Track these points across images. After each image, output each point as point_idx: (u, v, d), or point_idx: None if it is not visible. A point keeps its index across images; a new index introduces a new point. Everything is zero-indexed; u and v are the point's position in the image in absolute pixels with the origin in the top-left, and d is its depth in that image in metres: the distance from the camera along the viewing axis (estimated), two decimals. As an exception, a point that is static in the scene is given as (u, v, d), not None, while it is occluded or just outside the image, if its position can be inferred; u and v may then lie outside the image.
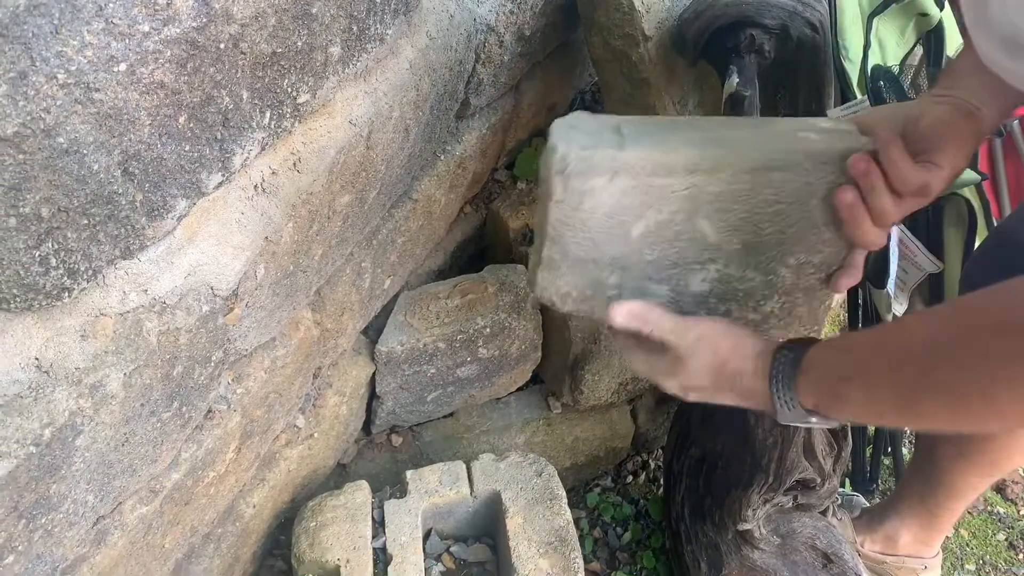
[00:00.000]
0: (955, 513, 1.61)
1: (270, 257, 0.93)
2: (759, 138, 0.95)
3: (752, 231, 0.97)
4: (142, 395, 0.80)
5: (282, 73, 0.82)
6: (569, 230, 0.94)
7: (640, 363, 1.00)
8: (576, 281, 0.99)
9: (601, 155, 0.89)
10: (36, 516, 0.73)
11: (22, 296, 0.65)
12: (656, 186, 0.92)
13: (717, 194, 0.93)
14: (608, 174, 0.90)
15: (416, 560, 1.22)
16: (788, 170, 0.92)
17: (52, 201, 0.62)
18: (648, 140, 0.92)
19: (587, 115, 0.97)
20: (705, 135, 0.96)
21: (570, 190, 0.91)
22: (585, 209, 0.93)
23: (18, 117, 0.56)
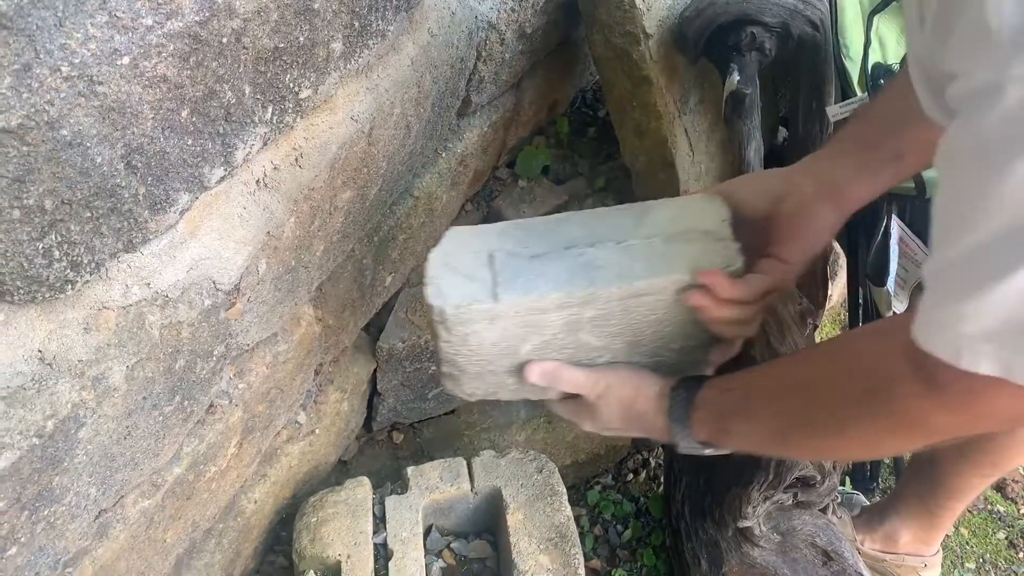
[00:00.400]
0: (955, 512, 1.61)
1: (272, 252, 0.93)
2: (627, 261, 1.02)
3: (632, 335, 1.07)
4: (144, 388, 0.81)
5: (284, 68, 0.83)
6: (461, 357, 1.04)
7: (559, 409, 1.11)
8: (479, 385, 1.11)
9: (476, 308, 0.98)
10: (39, 508, 0.74)
11: (25, 288, 0.65)
12: (535, 319, 1.02)
13: (594, 316, 1.02)
14: (486, 320, 0.99)
15: (417, 556, 1.22)
16: (655, 294, 1.00)
17: (55, 193, 0.63)
18: (520, 280, 1.00)
19: (463, 236, 1.07)
20: (576, 260, 1.03)
21: (453, 333, 1.00)
22: (471, 344, 1.02)
23: (22, 109, 0.56)
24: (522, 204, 1.73)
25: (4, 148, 0.57)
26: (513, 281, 1.01)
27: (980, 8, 0.50)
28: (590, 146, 1.87)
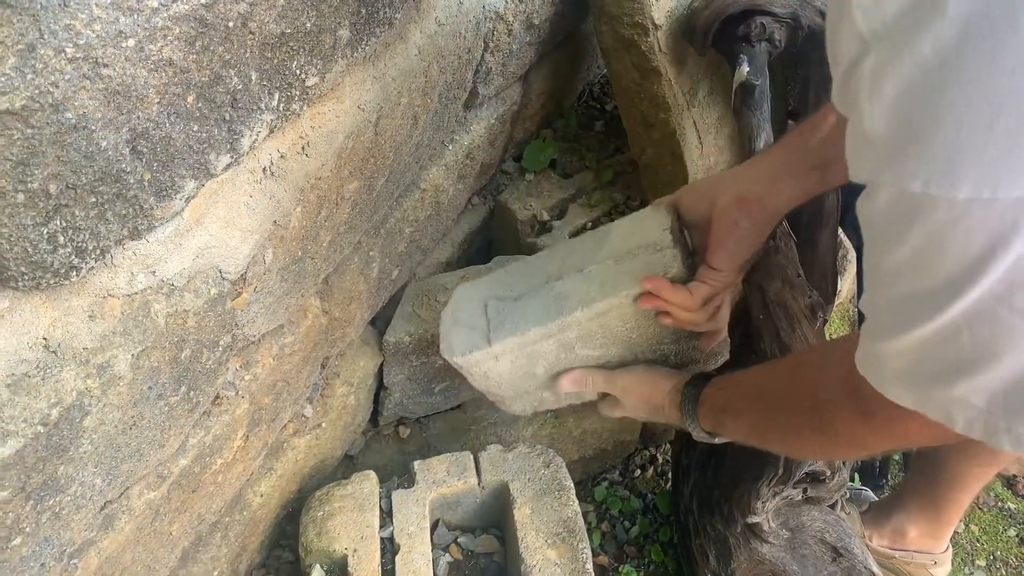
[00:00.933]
0: (961, 505, 1.60)
1: (278, 242, 0.92)
2: (586, 286, 1.16)
3: (623, 341, 1.21)
4: (150, 378, 0.80)
5: (291, 55, 0.82)
6: (492, 388, 1.27)
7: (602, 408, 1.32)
8: (523, 403, 1.34)
9: (478, 354, 1.18)
10: (44, 497, 0.73)
11: (30, 274, 0.64)
12: (530, 350, 1.19)
13: (578, 336, 1.18)
14: (492, 359, 1.19)
15: (424, 550, 1.22)
16: (616, 308, 1.14)
17: (60, 177, 0.62)
18: (507, 323, 1.18)
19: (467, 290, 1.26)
20: (548, 295, 1.18)
21: (471, 374, 1.22)
22: (492, 378, 1.24)
23: (26, 90, 0.55)
24: (529, 198, 1.73)
25: (8, 130, 0.56)
26: (501, 325, 1.18)
27: (860, 115, 0.56)
28: (597, 139, 1.86)
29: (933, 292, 0.59)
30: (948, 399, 0.65)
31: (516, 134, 1.74)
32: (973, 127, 0.50)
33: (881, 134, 0.55)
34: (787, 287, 1.35)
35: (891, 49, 0.52)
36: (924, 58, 0.50)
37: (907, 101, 0.52)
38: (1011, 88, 0.48)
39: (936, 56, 0.50)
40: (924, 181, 0.53)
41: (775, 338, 1.37)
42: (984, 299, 0.57)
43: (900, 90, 0.52)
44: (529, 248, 1.65)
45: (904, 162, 0.54)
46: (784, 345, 1.36)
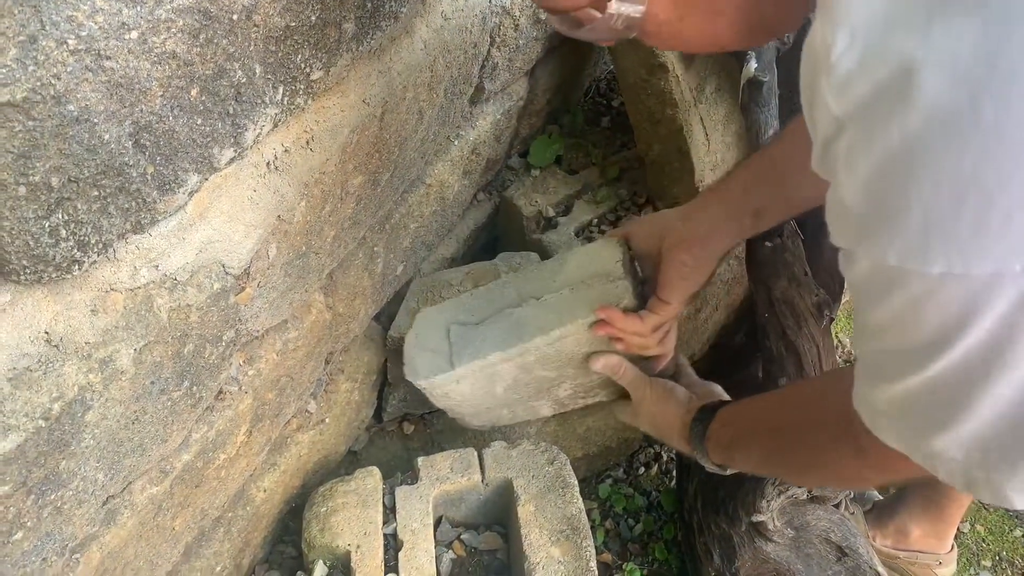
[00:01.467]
0: (962, 504, 1.60)
1: (282, 236, 0.92)
2: (544, 314, 1.22)
3: (579, 363, 1.27)
4: (152, 372, 0.80)
5: (295, 48, 0.81)
6: (454, 406, 1.34)
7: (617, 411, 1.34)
8: (481, 420, 1.40)
9: (441, 378, 1.24)
10: (45, 492, 0.73)
11: (32, 268, 0.64)
12: (490, 372, 1.25)
13: (536, 359, 1.24)
14: (454, 382, 1.25)
15: (427, 547, 1.21)
16: (571, 335, 1.20)
17: (62, 170, 0.61)
18: (469, 347, 1.24)
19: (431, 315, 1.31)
20: (509, 321, 1.24)
21: (433, 394, 1.29)
22: (454, 398, 1.30)
23: (28, 82, 0.55)
24: (535, 194, 1.72)
25: (9, 122, 0.55)
26: (464, 349, 1.24)
27: (840, 189, 0.59)
28: (603, 136, 1.86)
29: (912, 351, 0.62)
30: (930, 450, 0.67)
31: (522, 130, 1.73)
32: (942, 209, 0.52)
33: (858, 209, 0.57)
34: (794, 285, 1.34)
35: (863, 131, 0.55)
36: (892, 143, 0.53)
37: (879, 181, 0.55)
38: (975, 175, 0.50)
39: (903, 142, 0.52)
40: (899, 256, 0.56)
41: (781, 336, 1.36)
42: (957, 362, 0.59)
43: (872, 170, 0.55)
44: (535, 244, 1.65)
45: (879, 237, 0.56)
46: (790, 343, 1.36)
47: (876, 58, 0.53)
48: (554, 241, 1.63)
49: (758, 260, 1.37)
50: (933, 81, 0.50)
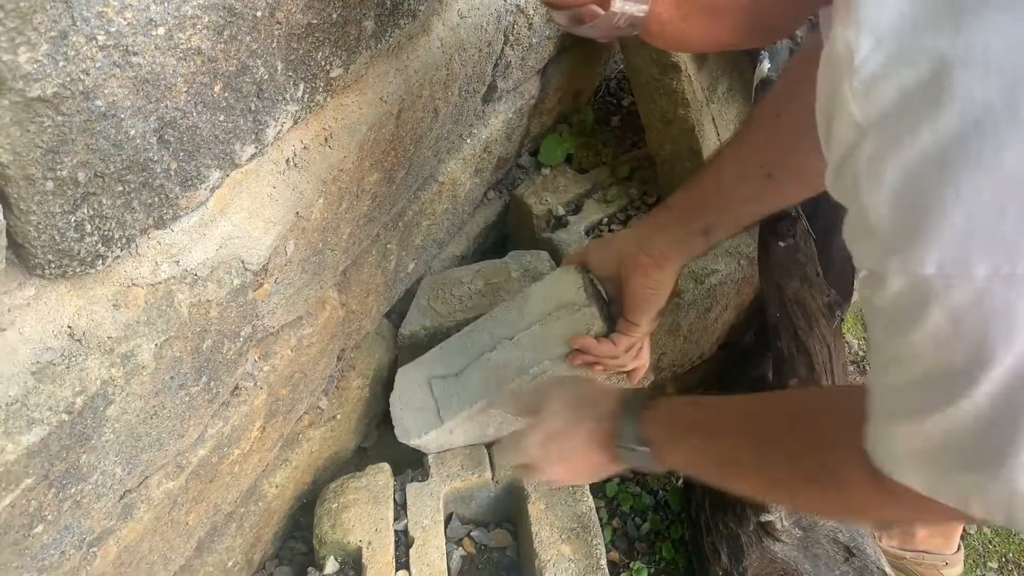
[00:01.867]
0: None
1: (300, 233, 0.92)
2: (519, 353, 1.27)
3: None
4: (172, 367, 0.80)
5: (316, 45, 0.81)
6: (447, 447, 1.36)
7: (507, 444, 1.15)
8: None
9: (434, 434, 1.29)
10: (66, 486, 0.73)
11: (56, 262, 0.64)
12: (479, 419, 1.31)
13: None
14: (447, 434, 1.31)
15: (438, 543, 1.22)
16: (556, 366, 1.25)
17: (89, 165, 0.62)
18: (454, 400, 1.29)
19: (409, 373, 1.36)
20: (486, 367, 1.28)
21: (429, 448, 1.33)
22: (447, 445, 1.35)
23: (58, 78, 0.55)
24: (545, 192, 1.72)
25: (39, 117, 0.56)
26: (449, 401, 1.29)
27: (862, 205, 0.56)
28: (614, 135, 1.86)
29: (954, 374, 0.58)
30: (968, 484, 0.63)
31: (532, 128, 1.73)
32: (984, 209, 0.50)
33: (886, 222, 0.55)
34: (806, 286, 1.34)
35: (890, 136, 0.53)
36: (925, 146, 0.51)
37: (910, 188, 0.53)
38: (1017, 172, 0.49)
39: (937, 144, 0.50)
40: (939, 264, 0.53)
41: (792, 337, 1.37)
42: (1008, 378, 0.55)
43: (903, 177, 0.53)
44: (545, 243, 1.65)
45: (915, 249, 0.53)
46: (801, 344, 1.36)
47: (904, 59, 0.52)
48: (564, 240, 1.63)
49: (771, 261, 1.37)
50: (967, 79, 0.49)
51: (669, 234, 1.14)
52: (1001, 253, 0.51)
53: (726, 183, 1.11)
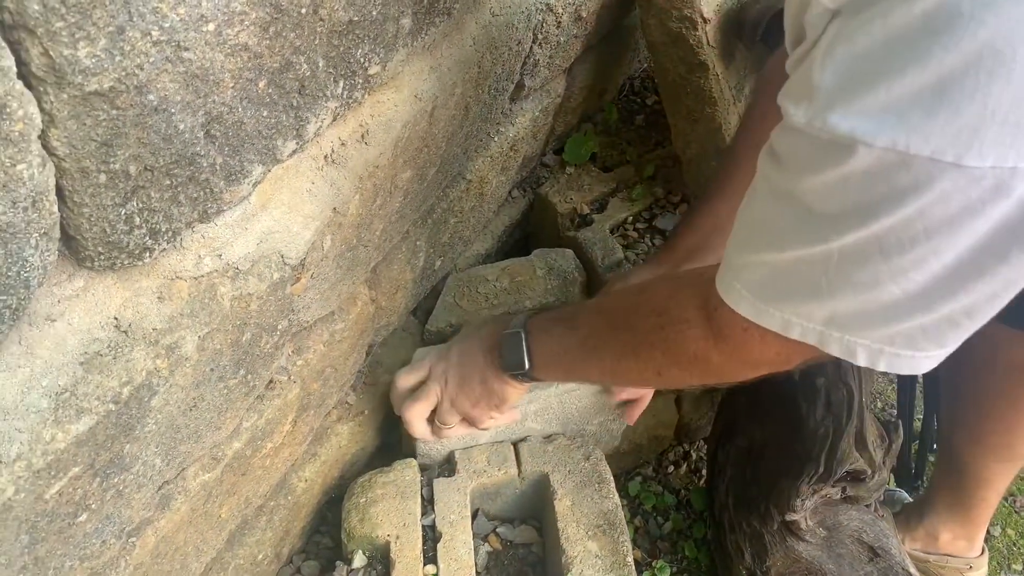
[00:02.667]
0: (989, 504, 1.59)
1: (336, 229, 0.93)
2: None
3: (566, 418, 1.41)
4: (212, 360, 0.81)
5: (356, 43, 0.82)
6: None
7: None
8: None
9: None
10: (110, 475, 0.74)
11: (106, 254, 0.65)
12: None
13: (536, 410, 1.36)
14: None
15: (466, 539, 1.22)
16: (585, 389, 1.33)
17: (140, 159, 0.63)
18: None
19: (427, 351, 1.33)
20: None
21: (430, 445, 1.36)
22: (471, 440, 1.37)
23: (114, 72, 0.56)
24: (569, 191, 1.73)
25: (95, 111, 0.57)
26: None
27: (812, 72, 0.64)
28: (638, 133, 1.86)
29: (825, 221, 0.68)
30: (792, 313, 0.76)
31: (557, 127, 1.74)
32: (904, 95, 0.59)
33: (828, 83, 0.63)
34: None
35: (859, 16, 0.61)
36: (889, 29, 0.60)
37: (859, 60, 0.61)
38: (947, 77, 0.57)
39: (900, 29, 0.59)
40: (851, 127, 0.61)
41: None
42: (868, 240, 0.66)
43: (856, 50, 0.62)
44: (569, 241, 1.65)
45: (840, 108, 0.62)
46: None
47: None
48: (589, 238, 1.63)
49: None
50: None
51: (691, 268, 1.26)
52: (902, 131, 0.59)
53: (722, 221, 1.24)
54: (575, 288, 1.53)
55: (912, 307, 0.70)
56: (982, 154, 0.58)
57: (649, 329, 0.98)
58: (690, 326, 0.91)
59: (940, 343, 0.73)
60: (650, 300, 1.01)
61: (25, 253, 0.56)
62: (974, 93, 0.56)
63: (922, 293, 0.68)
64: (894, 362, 0.74)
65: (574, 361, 1.11)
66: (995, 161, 0.58)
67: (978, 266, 0.65)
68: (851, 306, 0.72)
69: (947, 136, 0.58)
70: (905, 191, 0.62)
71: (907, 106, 0.58)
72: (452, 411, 1.22)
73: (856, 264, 0.69)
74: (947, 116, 0.57)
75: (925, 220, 0.63)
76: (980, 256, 0.65)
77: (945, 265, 0.66)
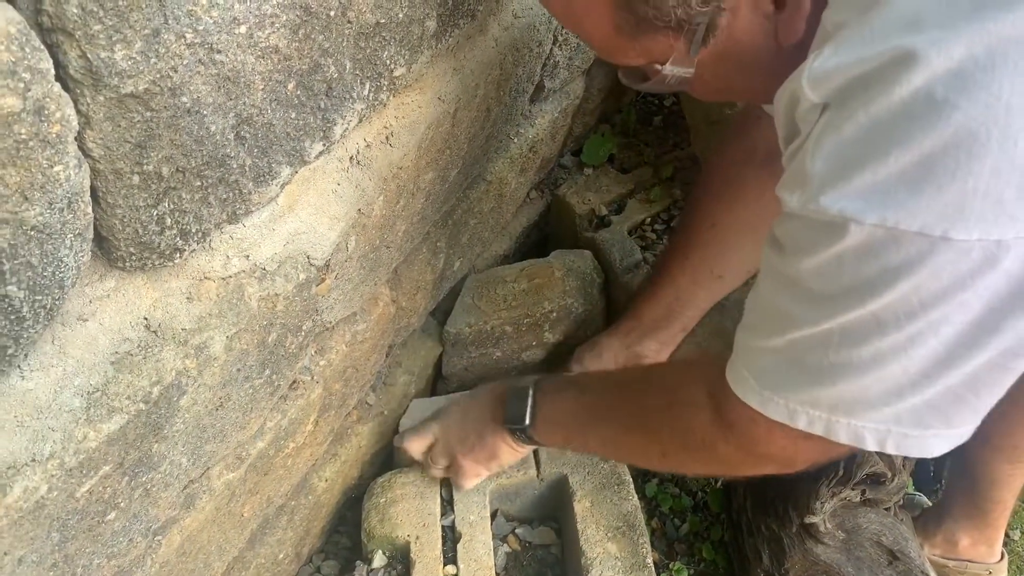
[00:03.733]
0: (1005, 506, 1.58)
1: (360, 230, 0.93)
2: None
3: None
4: (239, 360, 0.81)
5: (383, 45, 0.83)
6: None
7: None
8: None
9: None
10: (138, 474, 0.75)
11: (138, 255, 0.66)
12: None
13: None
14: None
15: (485, 539, 1.22)
16: None
17: (172, 160, 0.63)
18: None
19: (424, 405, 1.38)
20: None
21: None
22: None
23: (149, 74, 0.57)
24: (587, 192, 1.73)
25: (130, 113, 0.57)
26: None
27: (803, 162, 0.68)
28: (656, 135, 1.86)
29: (826, 299, 0.71)
30: (797, 402, 0.77)
31: (576, 128, 1.74)
32: (891, 175, 0.63)
33: (820, 169, 0.66)
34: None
35: (845, 107, 0.66)
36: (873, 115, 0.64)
37: (846, 145, 0.65)
38: (926, 161, 0.62)
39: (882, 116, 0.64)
40: (841, 208, 0.65)
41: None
42: (866, 317, 0.69)
43: (843, 139, 0.65)
44: (587, 242, 1.65)
45: (831, 191, 0.65)
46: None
47: (859, 57, 0.64)
48: (607, 239, 1.63)
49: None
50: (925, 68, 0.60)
51: (656, 340, 1.36)
52: (890, 208, 0.62)
53: (683, 292, 1.32)
54: (594, 289, 1.53)
55: (914, 383, 0.72)
56: (968, 228, 0.61)
57: (659, 407, 0.99)
58: (699, 410, 0.91)
59: (947, 420, 0.75)
60: (662, 378, 1.04)
61: (60, 253, 0.57)
62: (955, 171, 0.60)
63: (922, 368, 0.70)
64: (903, 443, 0.76)
65: (577, 425, 1.13)
66: (981, 234, 0.61)
67: (973, 337, 0.68)
68: (855, 388, 0.73)
69: (933, 212, 0.61)
70: (898, 267, 0.64)
71: (893, 185, 0.62)
72: (445, 454, 1.24)
73: (856, 343, 0.71)
74: (932, 193, 0.61)
75: (919, 294, 0.65)
76: (973, 328, 0.67)
77: (941, 339, 0.68)
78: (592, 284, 1.53)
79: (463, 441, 1.22)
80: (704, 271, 1.31)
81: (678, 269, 1.33)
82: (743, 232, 1.25)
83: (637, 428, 1.03)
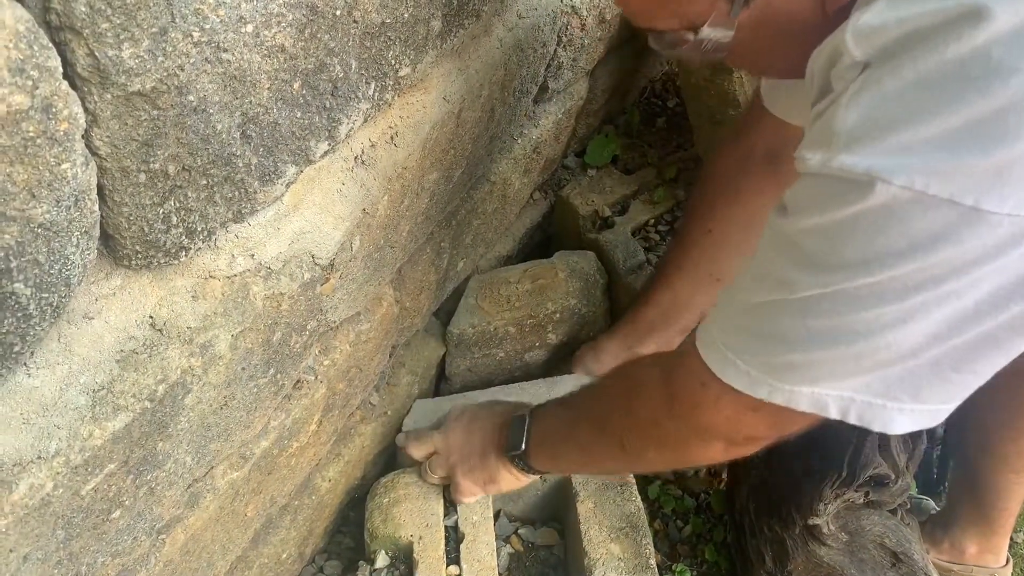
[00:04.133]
0: (1010, 513, 1.58)
1: (365, 229, 0.93)
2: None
3: None
4: (244, 359, 0.81)
5: (388, 44, 0.83)
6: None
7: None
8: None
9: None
10: (143, 472, 0.75)
11: (143, 253, 0.66)
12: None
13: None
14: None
15: (488, 539, 1.22)
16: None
17: (178, 159, 0.63)
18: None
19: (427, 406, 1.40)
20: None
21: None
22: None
23: (156, 73, 0.57)
24: (591, 193, 1.73)
25: (137, 111, 0.57)
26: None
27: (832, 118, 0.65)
28: (659, 136, 1.86)
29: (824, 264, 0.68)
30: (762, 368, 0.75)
31: (579, 129, 1.74)
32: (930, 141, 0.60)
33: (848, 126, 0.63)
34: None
35: (891, 62, 0.62)
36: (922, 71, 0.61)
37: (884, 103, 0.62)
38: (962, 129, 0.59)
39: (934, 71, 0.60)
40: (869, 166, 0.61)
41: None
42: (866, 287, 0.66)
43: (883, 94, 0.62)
44: (591, 243, 1.65)
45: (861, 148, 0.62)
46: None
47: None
48: (610, 240, 1.63)
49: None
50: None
51: (654, 342, 1.38)
52: (923, 171, 0.59)
53: (681, 295, 1.34)
54: (597, 291, 1.53)
55: (901, 356, 0.68)
56: (1002, 199, 0.58)
57: (616, 395, 1.00)
58: (649, 388, 0.91)
59: (916, 394, 0.71)
60: (625, 370, 1.05)
61: (67, 251, 0.57)
62: (1004, 137, 0.57)
63: (914, 342, 0.67)
64: (866, 413, 0.72)
65: (560, 440, 1.12)
66: (1013, 208, 0.58)
67: (977, 313, 0.65)
68: (831, 356, 0.70)
69: (970, 179, 0.58)
70: (919, 236, 0.61)
71: (932, 148, 0.59)
72: (444, 467, 1.24)
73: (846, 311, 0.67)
74: (974, 159, 0.58)
75: (935, 268, 0.62)
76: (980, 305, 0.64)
77: (943, 313, 0.65)
78: (595, 285, 1.53)
79: (465, 460, 1.21)
80: (702, 274, 1.32)
81: (676, 272, 1.35)
82: (741, 235, 1.26)
83: (599, 423, 1.02)
